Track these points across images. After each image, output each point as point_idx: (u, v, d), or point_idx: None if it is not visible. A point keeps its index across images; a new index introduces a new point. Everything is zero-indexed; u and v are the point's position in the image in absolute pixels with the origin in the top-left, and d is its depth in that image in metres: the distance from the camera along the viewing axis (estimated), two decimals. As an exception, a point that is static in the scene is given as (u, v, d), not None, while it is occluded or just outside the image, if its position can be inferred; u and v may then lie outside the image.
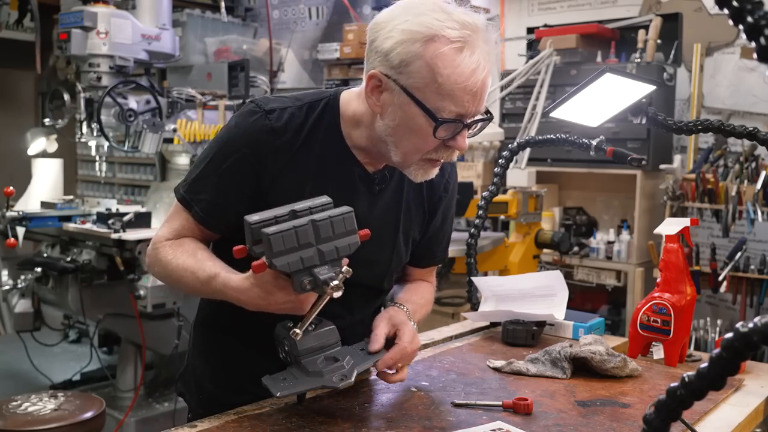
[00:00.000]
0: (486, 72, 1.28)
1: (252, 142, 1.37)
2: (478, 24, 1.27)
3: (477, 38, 1.27)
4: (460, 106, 1.27)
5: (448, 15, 1.26)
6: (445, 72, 1.24)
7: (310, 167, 1.40)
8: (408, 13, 1.27)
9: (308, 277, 1.18)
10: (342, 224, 1.21)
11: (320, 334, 1.28)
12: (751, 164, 3.70)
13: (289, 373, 1.29)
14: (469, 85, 1.25)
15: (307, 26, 6.43)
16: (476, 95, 1.27)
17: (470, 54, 1.25)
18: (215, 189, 1.40)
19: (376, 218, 1.45)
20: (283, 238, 1.15)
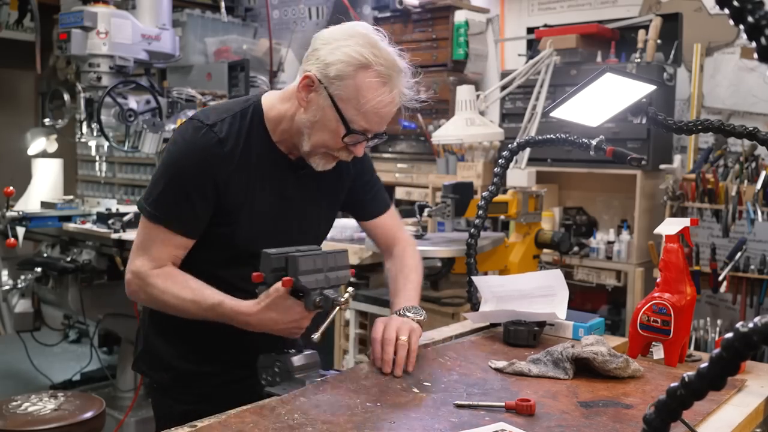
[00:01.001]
0: (394, 105, 1.61)
1: (205, 154, 1.60)
2: (400, 67, 1.59)
3: (398, 78, 1.59)
4: (368, 124, 1.59)
5: (381, 53, 1.56)
6: (367, 96, 1.54)
7: (251, 165, 1.65)
8: (352, 40, 1.56)
9: (320, 296, 1.49)
10: (342, 259, 1.54)
11: (308, 356, 1.58)
12: (751, 164, 3.70)
13: (284, 385, 1.53)
14: (381, 112, 1.58)
15: (307, 26, 6.42)
16: (383, 120, 1.61)
17: (389, 89, 1.57)
18: (182, 201, 1.61)
19: (306, 197, 1.74)
20: (307, 261, 1.47)
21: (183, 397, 1.76)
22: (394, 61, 1.57)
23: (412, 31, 5.23)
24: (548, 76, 3.69)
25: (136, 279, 1.64)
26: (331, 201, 1.82)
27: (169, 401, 1.79)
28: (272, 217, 1.69)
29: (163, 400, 1.81)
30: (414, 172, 5.31)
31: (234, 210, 1.64)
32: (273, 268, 1.49)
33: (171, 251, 1.64)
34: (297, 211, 1.73)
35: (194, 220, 1.63)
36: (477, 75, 5.18)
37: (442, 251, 3.23)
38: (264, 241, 1.60)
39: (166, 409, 1.79)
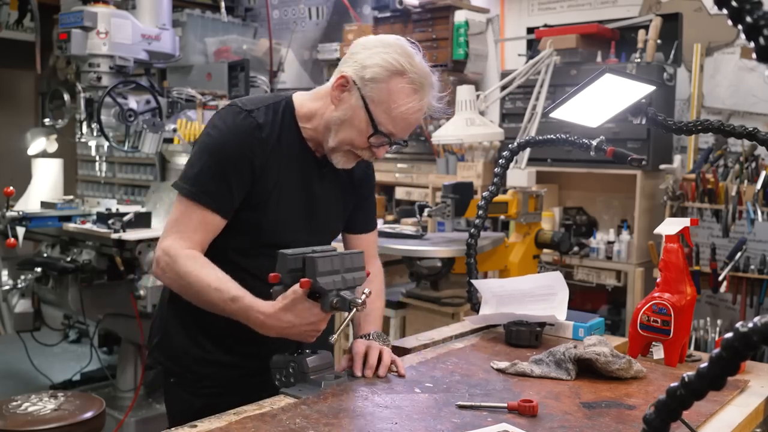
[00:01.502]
0: (421, 113, 1.68)
1: (245, 137, 1.66)
2: (432, 79, 1.67)
3: (429, 89, 1.66)
4: (395, 128, 1.66)
5: (415, 63, 1.64)
6: (398, 101, 1.62)
7: (283, 155, 1.71)
8: (390, 48, 1.64)
9: (336, 297, 1.49)
10: (358, 260, 1.56)
11: (322, 357, 1.58)
12: (751, 164, 3.70)
13: (300, 386, 1.54)
14: (409, 118, 1.65)
15: (307, 26, 6.43)
16: (409, 126, 1.68)
17: (420, 98, 1.64)
18: (220, 179, 1.64)
19: (326, 194, 1.80)
20: (324, 262, 1.49)
21: (202, 390, 1.75)
22: (427, 73, 1.65)
23: (412, 31, 5.23)
24: (548, 76, 3.69)
25: (165, 257, 1.63)
26: (346, 203, 1.87)
27: (187, 395, 1.77)
28: (297, 208, 1.74)
29: (181, 395, 1.79)
30: (414, 172, 5.31)
31: (264, 196, 1.68)
32: (290, 268, 1.50)
33: (202, 231, 1.65)
34: (319, 207, 1.78)
35: (229, 200, 1.66)
36: (477, 75, 5.18)
37: (442, 251, 3.24)
38: (287, 231, 1.72)
39: (184, 404, 1.76)
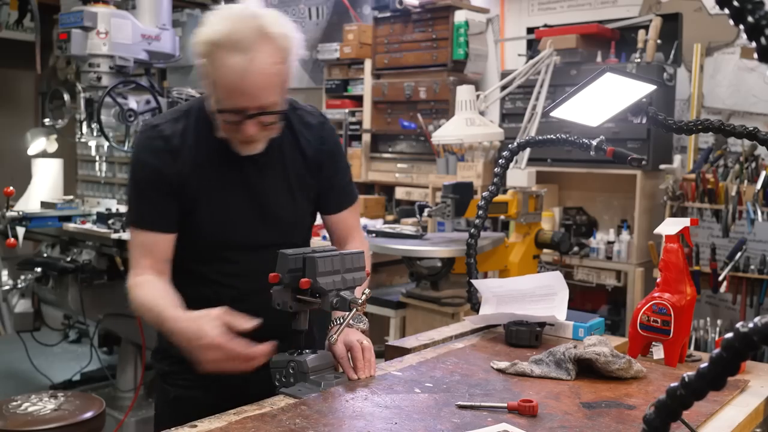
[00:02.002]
0: (258, 75, 1.50)
1: (151, 152, 1.65)
2: (261, 31, 1.50)
3: (255, 44, 1.49)
4: (232, 101, 1.53)
5: (235, 21, 1.51)
6: (219, 72, 1.51)
7: (202, 160, 1.65)
8: (212, 17, 1.55)
9: (336, 297, 1.48)
10: (358, 260, 1.55)
11: (322, 356, 1.57)
12: (751, 164, 3.70)
13: (300, 386, 1.53)
14: (238, 85, 1.50)
15: (307, 26, 6.42)
16: (248, 94, 1.51)
17: (245, 60, 1.48)
18: (143, 199, 1.67)
19: (269, 185, 1.71)
20: (325, 262, 1.48)
21: (177, 381, 1.78)
22: (251, 30, 1.51)
23: (412, 31, 5.23)
24: (548, 76, 3.69)
25: (128, 289, 1.69)
26: (301, 189, 1.77)
27: (165, 386, 1.82)
28: (237, 208, 1.69)
29: (161, 386, 1.85)
30: (414, 172, 5.31)
31: (194, 204, 1.67)
32: (290, 268, 1.49)
33: (149, 254, 1.67)
34: (264, 201, 1.71)
35: (161, 216, 1.66)
36: (477, 75, 5.18)
37: (442, 251, 3.24)
38: (231, 232, 1.69)
39: (162, 395, 1.84)
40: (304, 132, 1.76)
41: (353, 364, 1.60)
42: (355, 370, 1.59)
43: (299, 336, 1.57)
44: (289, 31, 1.57)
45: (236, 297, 1.67)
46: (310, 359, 1.54)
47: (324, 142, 1.79)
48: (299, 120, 1.77)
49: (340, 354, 1.61)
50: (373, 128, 5.53)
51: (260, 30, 1.51)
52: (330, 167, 1.81)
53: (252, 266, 1.69)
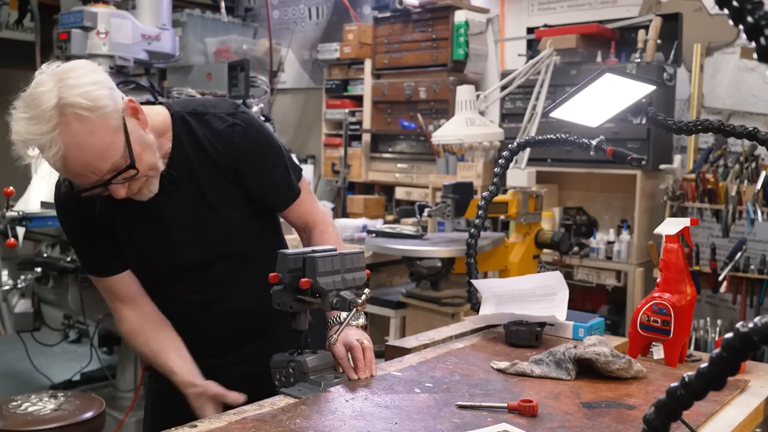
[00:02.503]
0: (78, 155, 1.42)
1: (66, 208, 1.67)
2: (49, 117, 1.40)
3: (52, 131, 1.40)
4: (81, 184, 1.50)
5: (24, 120, 1.44)
6: (48, 167, 1.47)
7: (112, 202, 1.57)
8: (14, 114, 1.50)
9: (336, 297, 1.49)
10: (358, 260, 1.55)
11: (322, 357, 1.58)
12: (751, 164, 3.70)
13: (300, 386, 1.54)
14: (70, 174, 1.47)
15: (307, 26, 6.43)
16: (83, 175, 1.46)
17: (54, 152, 1.41)
18: (88, 251, 1.71)
19: (187, 206, 1.65)
20: (325, 262, 1.49)
21: (159, 375, 1.78)
22: (43, 124, 1.41)
23: (412, 31, 5.23)
24: (548, 76, 3.69)
25: (120, 332, 1.78)
26: (225, 200, 1.68)
27: (151, 381, 1.89)
28: (158, 237, 1.66)
29: (149, 381, 1.92)
30: (414, 172, 5.31)
31: (117, 243, 1.67)
32: (290, 268, 1.50)
33: (116, 294, 1.72)
34: (186, 224, 1.65)
35: (103, 262, 1.69)
36: (477, 75, 5.18)
37: (442, 251, 3.24)
38: (164, 262, 1.69)
39: (149, 386, 1.91)
40: (212, 141, 1.64)
41: (353, 365, 1.60)
42: (355, 370, 1.59)
43: (299, 336, 1.57)
44: (92, 82, 1.44)
45: (194, 309, 1.73)
46: (310, 359, 1.54)
47: (236, 148, 1.65)
48: (207, 128, 1.65)
49: (340, 354, 1.60)
50: (373, 128, 5.54)
51: (57, 109, 1.40)
52: (252, 172, 1.68)
53: (203, 283, 1.71)
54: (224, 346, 1.73)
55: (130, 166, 1.47)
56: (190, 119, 1.65)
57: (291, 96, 6.51)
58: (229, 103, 1.73)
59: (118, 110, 1.47)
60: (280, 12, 6.58)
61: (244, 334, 1.76)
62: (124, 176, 1.48)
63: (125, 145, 1.47)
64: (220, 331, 1.73)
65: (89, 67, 1.48)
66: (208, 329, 1.72)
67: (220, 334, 1.73)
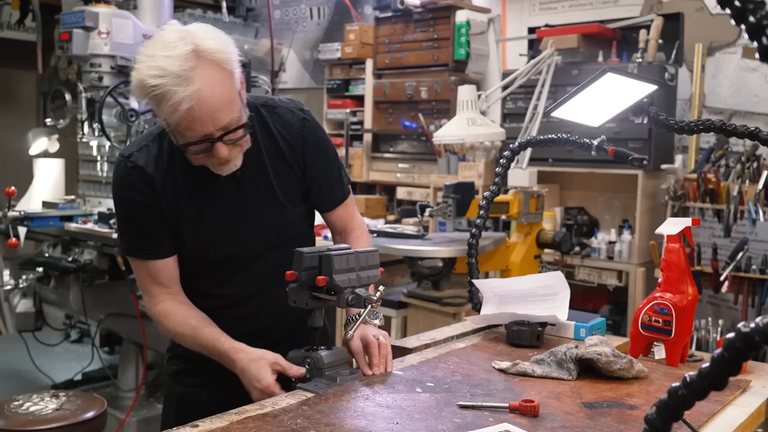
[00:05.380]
0: (209, 97, 1.46)
1: (128, 183, 1.64)
2: (188, 56, 1.45)
3: (190, 70, 1.44)
4: (184, 136, 1.50)
5: (160, 57, 1.46)
6: (167, 113, 1.47)
7: (180, 181, 1.64)
8: (139, 61, 1.51)
9: (351, 294, 1.52)
10: (373, 258, 1.58)
11: (337, 352, 1.60)
12: (753, 164, 3.70)
13: (315, 381, 1.56)
14: (193, 118, 1.46)
15: (309, 26, 6.43)
16: (198, 125, 1.48)
17: (185, 91, 1.43)
18: (135, 230, 1.67)
19: (254, 194, 1.70)
20: (341, 260, 1.51)
21: (183, 379, 1.81)
22: (182, 61, 1.45)
23: (414, 31, 5.23)
24: (549, 76, 3.69)
25: (152, 316, 1.73)
26: (288, 194, 1.74)
27: (172, 383, 1.86)
28: (222, 223, 1.68)
29: (169, 384, 1.88)
30: (415, 172, 5.31)
31: (178, 227, 1.66)
32: (306, 266, 1.52)
33: (158, 281, 1.69)
34: (246, 215, 1.69)
35: (157, 242, 1.67)
36: (478, 75, 5.18)
37: (444, 251, 3.24)
38: (217, 250, 1.69)
39: (170, 390, 1.87)
40: (283, 132, 1.71)
41: (369, 360, 1.62)
42: (370, 366, 1.61)
43: (315, 333, 1.60)
44: (222, 40, 1.52)
45: (230, 304, 1.72)
46: (326, 355, 1.56)
47: (305, 140, 1.73)
48: (278, 120, 1.72)
49: (356, 349, 1.62)
50: (375, 128, 5.53)
51: (194, 53, 1.46)
52: (316, 165, 1.76)
53: (245, 277, 1.72)
54: (255, 344, 1.68)
55: (245, 124, 1.54)
56: (262, 110, 1.71)
57: (292, 96, 6.49)
58: (294, 101, 1.81)
59: (238, 72, 1.55)
60: (282, 12, 6.58)
61: (278, 333, 1.75)
62: (234, 136, 1.53)
63: (241, 106, 1.54)
64: (253, 327, 1.72)
65: (216, 30, 1.55)
66: (244, 326, 1.70)
67: (252, 332, 1.71)
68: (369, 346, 1.62)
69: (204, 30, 1.52)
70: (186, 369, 1.81)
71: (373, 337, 1.63)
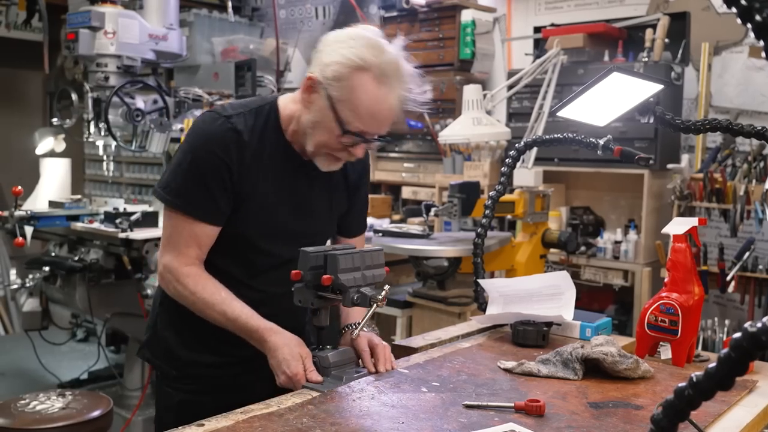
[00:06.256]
0: (392, 107, 1.61)
1: (221, 142, 1.65)
2: (402, 70, 1.60)
3: (397, 81, 1.59)
4: (363, 125, 1.60)
5: (381, 55, 1.57)
6: (362, 97, 1.57)
7: (264, 159, 1.69)
8: (353, 41, 1.58)
9: (357, 293, 1.53)
10: (378, 257, 1.60)
11: (343, 352, 1.62)
12: (759, 164, 3.68)
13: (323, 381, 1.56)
14: (377, 113, 1.60)
15: (314, 26, 6.43)
16: (380, 122, 1.62)
17: (387, 91, 1.58)
18: (201, 188, 1.65)
19: (315, 196, 1.78)
20: (346, 259, 1.52)
21: (183, 386, 1.80)
22: (394, 64, 1.59)
23: (419, 31, 5.23)
24: (555, 76, 3.68)
25: (167, 273, 1.69)
26: (338, 204, 1.85)
27: (170, 390, 1.82)
28: (280, 210, 1.72)
29: (165, 389, 1.84)
30: (421, 171, 5.31)
31: (244, 199, 1.68)
32: (311, 265, 1.53)
33: (195, 244, 1.67)
34: (306, 208, 1.76)
35: (215, 207, 1.66)
36: (484, 74, 5.17)
37: (449, 251, 3.23)
38: (270, 233, 1.71)
39: (167, 398, 1.83)
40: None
41: (375, 359, 1.64)
42: (375, 364, 1.62)
43: (320, 332, 1.61)
44: (410, 67, 1.64)
45: (260, 300, 1.69)
46: (332, 354, 1.58)
47: (365, 169, 1.89)
48: None
49: (362, 348, 1.64)
50: (380, 128, 5.53)
51: (400, 64, 1.59)
52: (361, 194, 1.90)
53: (280, 274, 1.69)
54: (252, 350, 1.67)
55: (385, 138, 1.70)
56: None
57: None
58: None
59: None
60: (287, 12, 6.58)
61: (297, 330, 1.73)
62: (374, 144, 1.70)
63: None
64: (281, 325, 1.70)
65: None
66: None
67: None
68: (375, 347, 1.65)
69: (401, 50, 1.63)
70: (185, 375, 1.79)
71: (380, 344, 1.66)
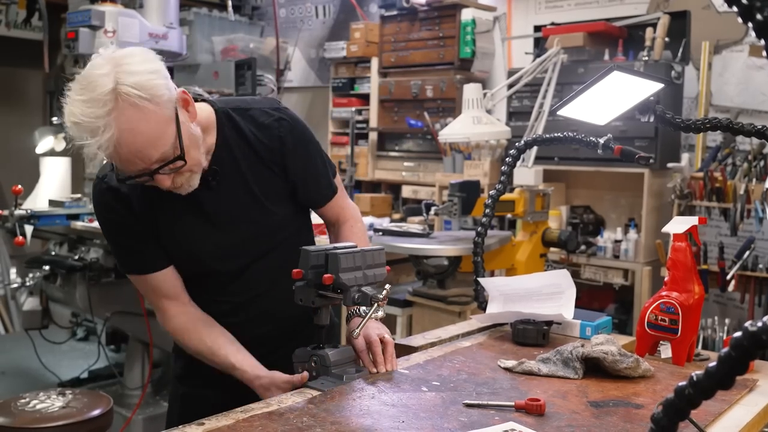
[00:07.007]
0: (131, 140, 1.41)
1: (106, 205, 1.64)
2: (105, 100, 1.39)
3: (107, 115, 1.39)
4: (129, 170, 1.48)
5: (79, 101, 1.43)
6: (95, 152, 1.42)
7: (154, 197, 1.60)
8: (68, 96, 1.49)
9: (358, 292, 1.53)
10: (379, 256, 1.59)
11: (343, 351, 1.61)
12: (760, 162, 3.68)
13: (322, 380, 1.57)
14: (120, 159, 1.45)
15: (314, 25, 6.43)
16: (126, 162, 1.45)
17: (105, 137, 1.39)
18: (122, 247, 1.68)
19: (231, 202, 1.66)
20: (347, 258, 1.51)
21: (186, 380, 1.82)
22: (99, 107, 1.40)
23: (419, 30, 5.23)
24: (555, 75, 3.68)
25: (164, 325, 1.72)
26: (270, 195, 1.70)
27: (177, 383, 1.86)
28: (200, 231, 1.65)
29: (174, 384, 1.89)
30: (421, 170, 5.31)
31: (162, 236, 1.65)
32: (312, 265, 1.52)
33: (163, 292, 1.68)
34: (228, 215, 1.66)
35: (146, 257, 1.66)
36: (484, 73, 5.17)
37: (449, 250, 3.23)
38: (207, 254, 1.67)
39: (173, 391, 1.88)
40: (258, 135, 1.66)
41: (373, 359, 1.62)
42: (375, 364, 1.61)
43: (321, 331, 1.60)
44: (150, 70, 1.44)
45: (232, 310, 1.71)
46: (332, 353, 1.57)
47: (283, 141, 1.68)
48: (252, 123, 1.67)
49: (360, 348, 1.63)
50: (380, 127, 5.53)
51: (113, 93, 1.39)
52: (297, 165, 1.71)
53: (241, 284, 1.71)
54: (260, 349, 1.70)
55: (179, 158, 1.48)
56: (234, 115, 1.66)
57: (298, 94, 6.51)
58: (270, 99, 1.77)
59: (172, 100, 1.47)
60: (287, 10, 6.58)
61: (281, 336, 1.75)
62: (172, 167, 1.48)
63: (176, 136, 1.47)
64: (255, 334, 1.72)
65: (147, 55, 1.48)
66: (245, 332, 1.70)
67: (256, 337, 1.71)
68: (372, 345, 1.63)
69: (132, 61, 1.44)
70: (190, 371, 1.80)
71: (376, 336, 1.63)
